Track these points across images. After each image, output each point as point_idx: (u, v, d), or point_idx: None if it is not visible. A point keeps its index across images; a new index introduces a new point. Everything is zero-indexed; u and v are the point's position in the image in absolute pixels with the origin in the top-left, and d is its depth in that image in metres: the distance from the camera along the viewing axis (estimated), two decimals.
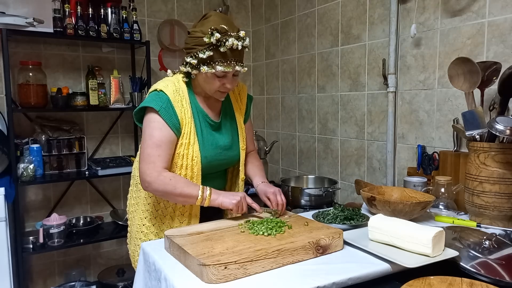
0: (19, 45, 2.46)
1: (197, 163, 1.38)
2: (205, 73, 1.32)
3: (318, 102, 2.57)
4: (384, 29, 2.06)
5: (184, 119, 1.36)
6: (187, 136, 1.36)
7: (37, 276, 2.62)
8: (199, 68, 1.32)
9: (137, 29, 2.55)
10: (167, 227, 1.44)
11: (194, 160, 1.37)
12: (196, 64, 1.32)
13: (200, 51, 1.29)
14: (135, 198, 1.54)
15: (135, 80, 2.68)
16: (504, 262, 1.05)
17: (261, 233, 1.16)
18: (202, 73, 1.34)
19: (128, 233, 1.60)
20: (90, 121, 2.72)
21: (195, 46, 1.31)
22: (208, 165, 1.42)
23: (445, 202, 1.55)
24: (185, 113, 1.37)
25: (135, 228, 1.51)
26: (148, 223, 1.47)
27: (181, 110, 1.36)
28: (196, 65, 1.33)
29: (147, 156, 1.30)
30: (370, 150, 2.21)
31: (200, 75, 1.36)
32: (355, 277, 0.99)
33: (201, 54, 1.29)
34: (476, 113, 1.42)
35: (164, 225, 1.45)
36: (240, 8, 3.22)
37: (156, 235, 1.45)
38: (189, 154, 1.37)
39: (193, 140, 1.37)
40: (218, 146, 1.45)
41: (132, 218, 1.55)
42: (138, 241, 1.48)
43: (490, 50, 1.62)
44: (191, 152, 1.37)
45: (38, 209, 2.59)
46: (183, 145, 1.36)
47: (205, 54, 1.28)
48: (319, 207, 1.90)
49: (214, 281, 0.95)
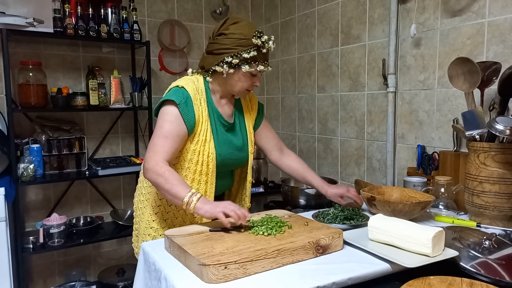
0: (19, 45, 2.46)
1: (213, 159, 1.42)
2: (243, 72, 1.39)
3: (318, 102, 2.57)
4: (384, 29, 2.07)
5: (201, 117, 1.41)
6: (203, 134, 1.41)
7: (37, 276, 2.63)
8: (240, 67, 1.38)
9: (137, 29, 2.55)
10: (180, 223, 1.47)
11: (209, 157, 1.42)
12: (237, 63, 1.38)
13: (244, 51, 1.36)
14: (145, 194, 1.54)
15: (135, 80, 2.68)
16: (504, 262, 1.05)
17: (261, 233, 1.17)
18: (237, 73, 1.40)
19: (135, 231, 1.60)
20: (90, 121, 2.72)
21: (237, 46, 1.37)
22: (221, 163, 1.46)
23: (445, 202, 1.55)
24: (202, 111, 1.41)
25: (144, 225, 1.51)
26: (158, 218, 1.49)
27: (199, 108, 1.41)
28: (237, 64, 1.38)
29: (153, 145, 1.34)
30: (370, 150, 2.21)
31: (234, 74, 1.41)
32: (355, 277, 0.99)
33: (245, 54, 1.36)
34: (476, 113, 1.42)
35: (177, 220, 1.48)
36: (240, 8, 3.22)
37: None
38: (205, 151, 1.41)
39: (209, 138, 1.42)
40: (232, 146, 1.50)
41: (140, 214, 1.55)
42: (147, 237, 1.49)
43: (490, 50, 1.62)
44: (207, 149, 1.41)
45: (38, 209, 2.60)
46: (200, 142, 1.41)
47: (249, 54, 1.36)
48: (319, 207, 1.89)
49: (214, 281, 0.95)
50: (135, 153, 2.88)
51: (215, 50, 1.41)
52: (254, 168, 2.69)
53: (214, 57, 1.41)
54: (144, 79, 2.68)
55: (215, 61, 1.40)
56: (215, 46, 1.41)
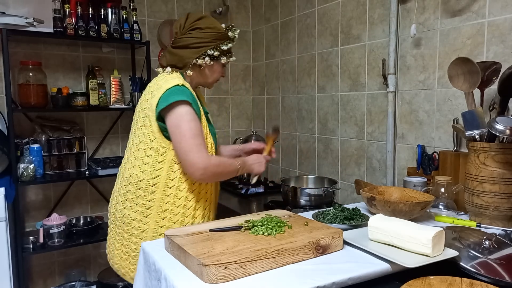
0: (19, 45, 2.46)
1: (214, 151, 1.50)
2: (217, 64, 1.50)
3: (318, 102, 2.57)
4: (384, 29, 2.07)
5: (200, 112, 1.45)
6: (205, 127, 1.46)
7: (37, 276, 2.63)
8: (219, 59, 1.49)
9: (137, 29, 2.55)
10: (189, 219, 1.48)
11: (212, 148, 1.49)
12: (218, 55, 1.47)
13: (223, 44, 1.47)
14: (142, 204, 1.44)
15: (135, 80, 2.68)
16: (504, 262, 1.05)
17: (261, 233, 1.17)
18: (215, 64, 1.50)
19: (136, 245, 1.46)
20: (90, 121, 2.73)
21: (215, 40, 1.46)
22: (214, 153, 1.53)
23: (445, 202, 1.55)
24: (199, 106, 1.46)
25: (151, 233, 1.44)
26: (168, 223, 1.44)
27: (197, 103, 1.45)
28: (216, 56, 1.47)
29: (194, 146, 1.34)
30: (370, 150, 2.21)
31: (210, 66, 1.50)
32: (355, 277, 0.99)
33: (224, 46, 1.47)
34: (476, 113, 1.42)
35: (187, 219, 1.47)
36: (240, 8, 3.22)
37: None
38: (208, 143, 1.47)
39: (207, 131, 1.47)
40: (215, 135, 1.56)
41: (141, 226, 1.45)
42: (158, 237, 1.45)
43: (490, 50, 1.62)
44: (209, 141, 1.48)
45: (38, 209, 2.60)
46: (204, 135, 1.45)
47: (227, 46, 1.48)
48: (319, 207, 1.90)
49: (214, 281, 0.95)
50: None
51: (193, 44, 1.44)
52: None
53: (193, 51, 1.44)
54: (144, 79, 2.68)
55: (195, 55, 1.44)
56: (191, 40, 1.44)
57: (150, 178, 1.41)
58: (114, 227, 1.53)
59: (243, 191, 2.54)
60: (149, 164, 1.41)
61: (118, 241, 1.51)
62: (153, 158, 1.40)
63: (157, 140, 1.40)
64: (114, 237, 1.53)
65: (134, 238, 1.46)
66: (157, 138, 1.40)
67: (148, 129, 1.41)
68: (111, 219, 1.56)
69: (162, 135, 1.40)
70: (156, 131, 1.40)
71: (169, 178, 1.42)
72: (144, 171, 1.42)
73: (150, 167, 1.41)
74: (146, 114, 1.41)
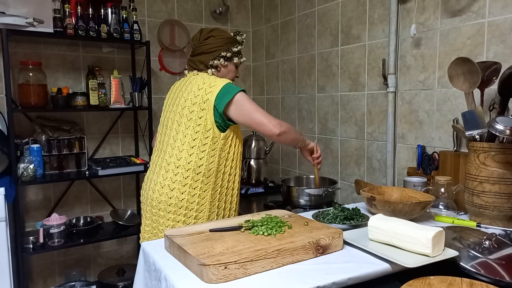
0: (19, 45, 2.46)
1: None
2: (233, 64, 1.74)
3: (318, 102, 2.58)
4: (384, 29, 2.07)
5: None
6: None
7: (37, 276, 2.63)
8: (232, 59, 1.73)
9: (137, 29, 2.55)
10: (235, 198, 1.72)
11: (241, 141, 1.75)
12: (230, 56, 1.71)
13: (234, 46, 1.72)
14: (200, 188, 1.61)
15: (135, 80, 2.68)
16: (504, 262, 1.05)
17: (261, 233, 1.17)
18: (227, 65, 1.72)
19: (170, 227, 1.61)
20: (90, 121, 2.73)
21: (227, 44, 1.70)
22: None
23: (445, 202, 1.55)
24: None
25: (207, 213, 1.62)
26: (218, 202, 1.65)
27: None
28: (229, 57, 1.71)
29: (266, 115, 1.57)
30: (370, 150, 2.21)
31: (225, 67, 1.72)
32: (355, 277, 0.99)
33: (234, 48, 1.73)
34: (476, 113, 1.42)
35: (233, 198, 1.71)
36: (240, 8, 3.22)
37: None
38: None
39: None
40: None
41: (199, 208, 1.61)
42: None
43: (490, 50, 1.62)
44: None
45: (38, 209, 2.60)
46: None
47: (237, 48, 1.74)
48: (319, 207, 1.90)
49: (214, 281, 0.95)
50: (135, 153, 2.88)
51: (207, 50, 1.69)
52: (254, 168, 2.70)
53: (208, 55, 1.69)
54: (144, 79, 2.68)
55: (210, 57, 1.69)
56: (206, 47, 1.69)
57: (207, 163, 1.61)
58: (165, 214, 1.62)
59: (243, 191, 2.54)
60: (205, 152, 1.61)
61: (171, 226, 1.63)
62: (208, 146, 1.60)
63: (212, 130, 1.59)
64: (164, 224, 1.63)
65: (192, 220, 1.63)
66: (212, 129, 1.59)
67: (203, 121, 1.59)
68: (161, 207, 1.62)
69: (215, 126, 1.59)
70: (210, 123, 1.59)
71: (221, 164, 1.65)
72: (201, 158, 1.61)
73: (207, 155, 1.61)
74: (201, 107, 1.59)
